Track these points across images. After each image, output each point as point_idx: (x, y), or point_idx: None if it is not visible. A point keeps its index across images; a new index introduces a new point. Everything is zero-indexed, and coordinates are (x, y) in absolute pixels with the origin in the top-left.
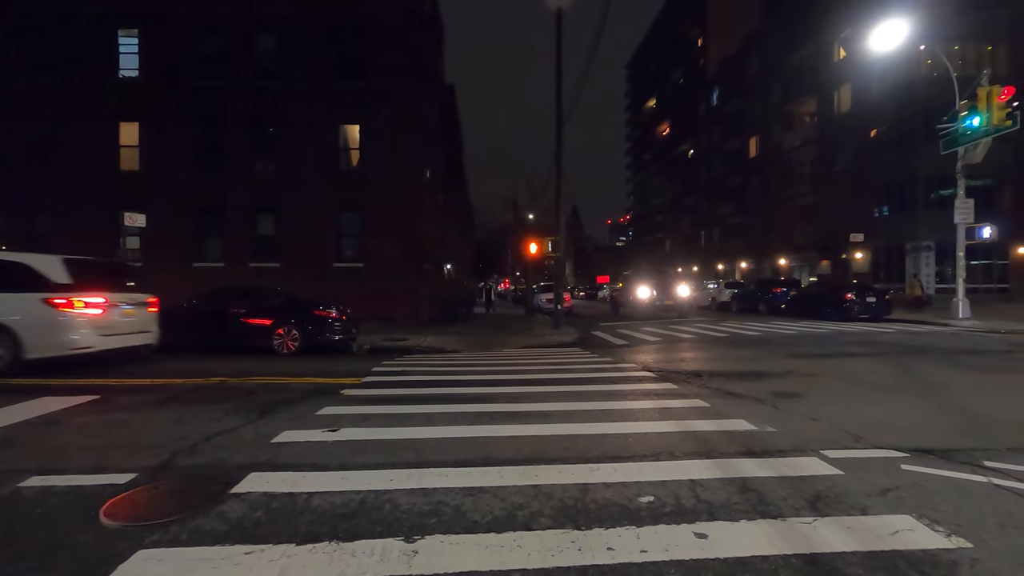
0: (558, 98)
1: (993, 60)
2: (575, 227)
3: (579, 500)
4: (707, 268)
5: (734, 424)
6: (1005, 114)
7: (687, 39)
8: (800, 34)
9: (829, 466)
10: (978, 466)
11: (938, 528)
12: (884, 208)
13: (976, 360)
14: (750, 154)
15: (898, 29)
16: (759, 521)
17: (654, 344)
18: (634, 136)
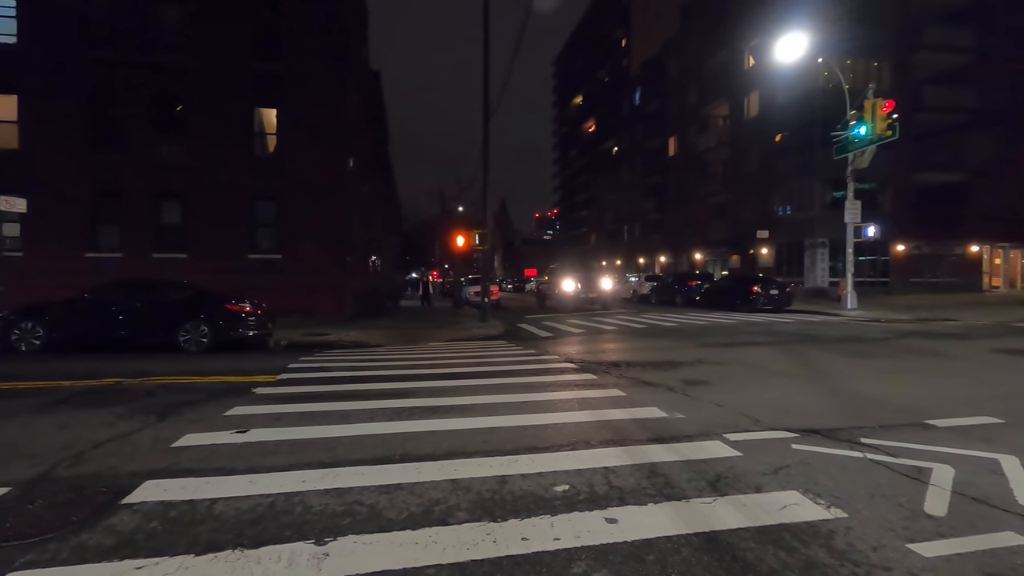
0: (485, 91)
1: (878, 75)
2: (503, 220)
3: (496, 492)
4: (629, 262)
5: (647, 412)
6: (886, 125)
7: (611, 39)
8: (714, 41)
9: (730, 448)
10: (856, 443)
11: (820, 501)
12: (787, 207)
13: (860, 347)
14: (669, 153)
15: (798, 42)
16: (665, 504)
17: (577, 336)
18: (561, 132)
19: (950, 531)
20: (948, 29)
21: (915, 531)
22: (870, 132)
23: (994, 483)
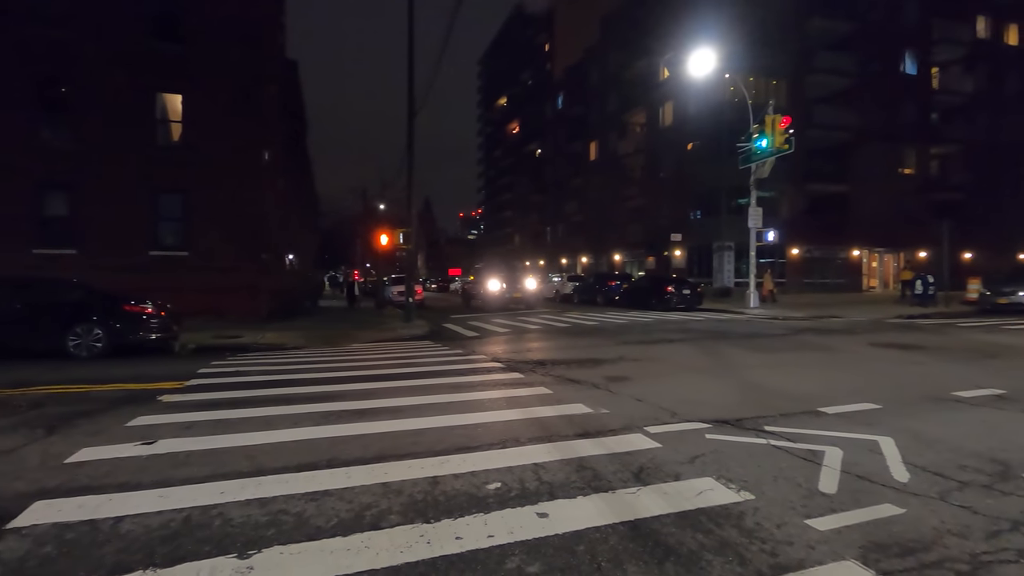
0: (410, 88)
1: (777, 93)
2: (427, 219)
3: (429, 494)
4: (552, 262)
5: (573, 408)
6: (784, 139)
7: (535, 44)
8: (632, 52)
9: (651, 440)
10: (760, 431)
11: (731, 486)
12: (698, 212)
13: (762, 343)
14: (591, 157)
15: (707, 58)
16: (593, 496)
17: (503, 335)
18: (486, 132)
19: (840, 506)
20: (835, 55)
21: (812, 508)
22: (770, 145)
23: (874, 462)
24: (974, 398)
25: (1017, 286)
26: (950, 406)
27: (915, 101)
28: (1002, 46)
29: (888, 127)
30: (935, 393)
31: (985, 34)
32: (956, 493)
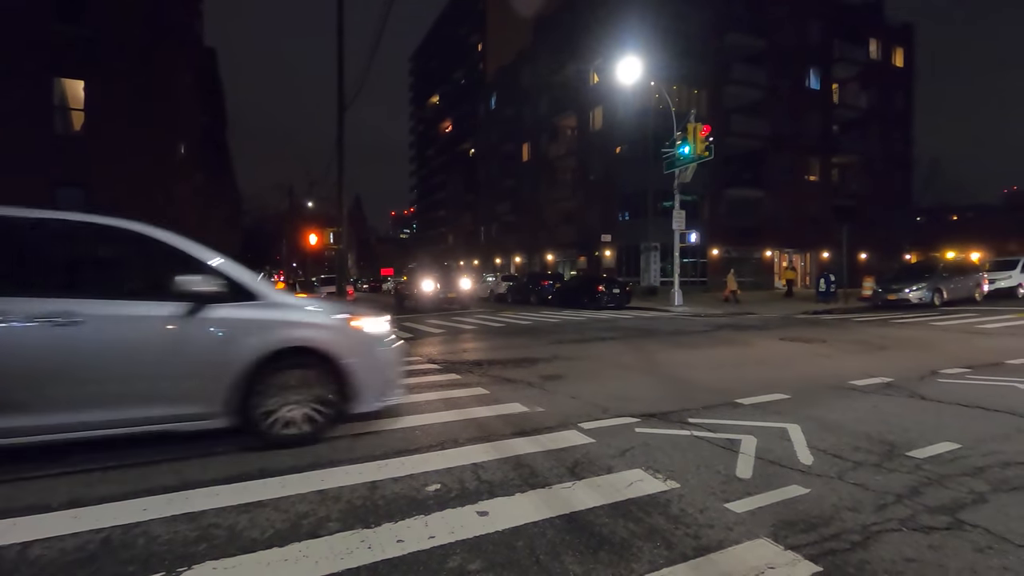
0: (339, 82)
1: (699, 102)
2: (358, 218)
3: (368, 499)
4: (487, 262)
5: (510, 408)
6: (704, 146)
7: (468, 43)
8: (564, 56)
9: (585, 436)
10: (685, 423)
11: (658, 476)
12: (626, 214)
13: (686, 339)
14: (523, 158)
15: (634, 66)
16: (531, 492)
17: (438, 336)
18: (418, 130)
19: (754, 489)
20: (750, 68)
21: (730, 492)
22: (692, 152)
23: (784, 447)
24: (867, 386)
25: (903, 283)
26: (847, 394)
27: (819, 114)
28: (891, 67)
29: (796, 137)
30: (835, 382)
31: (877, 56)
32: (851, 472)
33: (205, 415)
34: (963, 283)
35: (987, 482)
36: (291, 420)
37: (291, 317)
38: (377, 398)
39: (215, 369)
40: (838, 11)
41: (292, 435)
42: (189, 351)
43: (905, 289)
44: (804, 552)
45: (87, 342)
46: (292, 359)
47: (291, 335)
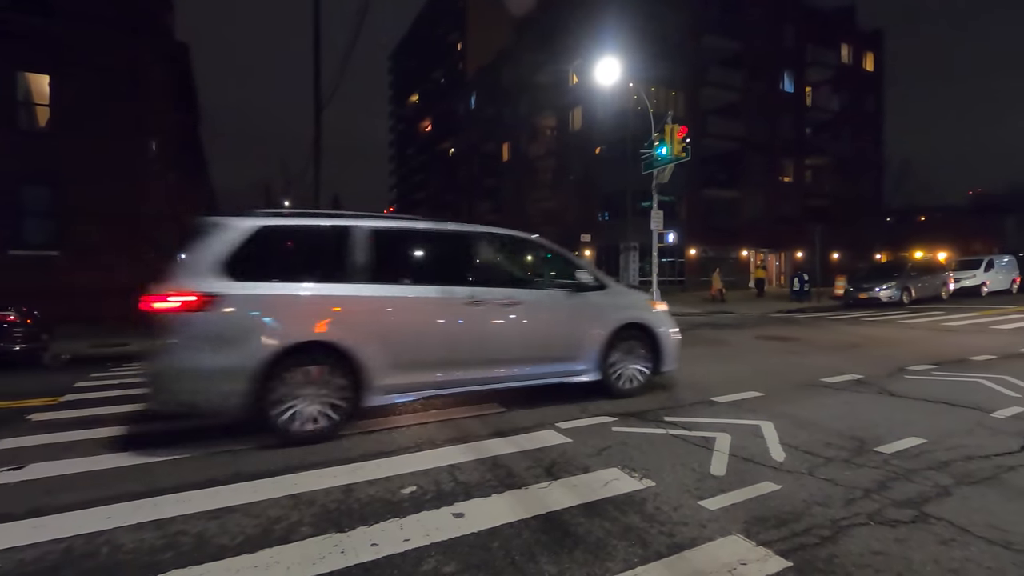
0: (316, 81)
1: (676, 103)
2: None
3: (342, 502)
4: None
5: (487, 408)
6: (682, 147)
7: (447, 42)
8: (544, 57)
9: (562, 436)
10: (661, 421)
11: (634, 474)
12: (606, 214)
13: None
14: (503, 158)
15: (612, 67)
16: (507, 493)
17: None
18: (398, 128)
19: (728, 486)
20: (726, 70)
21: (704, 490)
22: (669, 153)
23: (757, 445)
24: (838, 383)
25: (874, 282)
26: (819, 391)
27: (792, 116)
28: (861, 71)
29: (770, 139)
30: (807, 380)
31: (848, 60)
32: (822, 468)
33: (583, 371)
34: (930, 282)
35: (951, 476)
36: (631, 376)
37: (627, 301)
38: (671, 362)
39: (591, 336)
40: (811, 16)
41: (627, 388)
42: (573, 322)
43: (875, 288)
44: (775, 548)
45: (524, 318)
46: (629, 330)
47: (629, 314)
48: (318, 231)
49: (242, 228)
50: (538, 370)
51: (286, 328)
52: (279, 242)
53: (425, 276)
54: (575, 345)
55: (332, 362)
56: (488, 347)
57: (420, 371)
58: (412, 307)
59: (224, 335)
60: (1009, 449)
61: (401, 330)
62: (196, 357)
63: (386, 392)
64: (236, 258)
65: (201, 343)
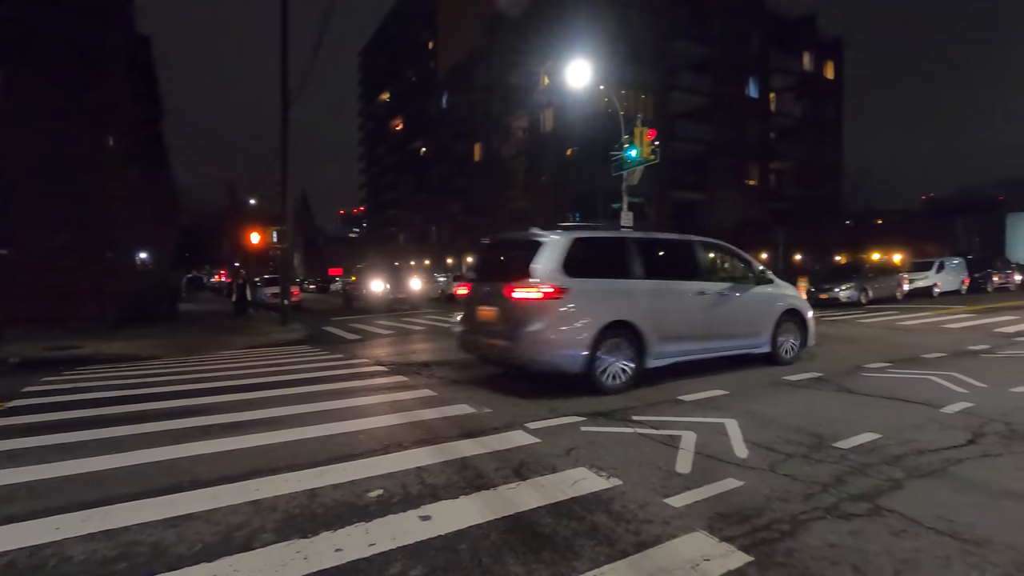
0: (283, 77)
1: (645, 106)
2: (305, 216)
3: (306, 507)
4: (438, 261)
5: (457, 409)
6: (651, 150)
7: (419, 41)
8: (515, 57)
9: (531, 436)
10: (629, 421)
11: (602, 473)
12: (577, 214)
13: None
14: (475, 158)
15: (583, 69)
16: (475, 495)
17: (387, 337)
18: (368, 127)
19: (693, 484)
20: (694, 75)
21: (670, 487)
22: (639, 155)
23: (721, 442)
24: (799, 381)
25: (834, 283)
26: (782, 389)
27: (757, 121)
28: (822, 79)
29: (736, 143)
30: (770, 379)
31: (810, 67)
32: (782, 464)
33: (761, 345)
34: (886, 283)
35: (903, 469)
36: (788, 349)
37: (786, 292)
38: (812, 339)
39: (763, 319)
40: (775, 24)
41: (787, 359)
42: (753, 308)
43: (835, 289)
44: (737, 543)
45: (729, 305)
46: (788, 316)
47: (789, 302)
48: (608, 240)
49: (568, 239)
50: (735, 343)
51: (605, 310)
52: (588, 249)
53: (673, 273)
54: (759, 325)
55: (627, 335)
56: (709, 325)
57: (672, 342)
58: (668, 295)
59: (572, 315)
60: (956, 443)
61: (662, 312)
62: (555, 331)
63: (654, 358)
64: (568, 261)
65: (558, 321)
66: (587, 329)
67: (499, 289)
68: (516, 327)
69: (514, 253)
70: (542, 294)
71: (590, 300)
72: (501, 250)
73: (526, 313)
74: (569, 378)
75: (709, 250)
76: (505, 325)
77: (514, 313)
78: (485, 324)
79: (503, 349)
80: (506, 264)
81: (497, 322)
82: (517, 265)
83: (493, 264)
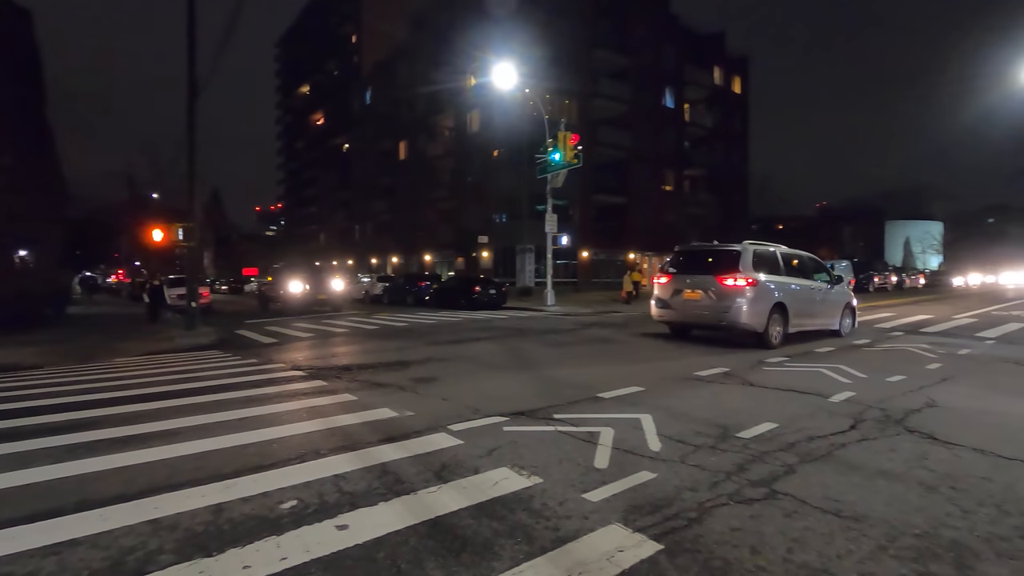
0: (191, 61)
1: (569, 111)
2: (216, 212)
3: (212, 524)
4: (362, 262)
5: (378, 414)
6: (574, 154)
7: (341, 34)
8: (442, 56)
9: (453, 438)
10: (550, 419)
11: (523, 472)
12: (503, 216)
13: (556, 338)
14: (400, 156)
15: (509, 73)
16: (395, 501)
17: (306, 341)
18: (286, 120)
19: (610, 478)
20: (615, 83)
21: (588, 483)
22: (563, 159)
23: (636, 437)
24: (708, 376)
25: None
26: (692, 384)
27: (673, 130)
28: (731, 93)
29: (654, 150)
30: (682, 374)
31: (720, 82)
32: (692, 455)
33: (834, 324)
34: None
35: (796, 455)
36: (847, 328)
37: (847, 290)
38: (856, 323)
39: (837, 307)
40: (688, 38)
41: (845, 333)
42: (833, 300)
43: None
44: (649, 533)
45: (824, 297)
46: (847, 307)
47: (849, 298)
48: (770, 251)
49: (752, 249)
50: (824, 321)
51: (774, 295)
52: (762, 256)
53: (800, 275)
54: (835, 311)
55: (781, 311)
56: (814, 310)
57: (798, 319)
58: (799, 288)
59: (759, 297)
60: (841, 429)
61: (796, 299)
62: (751, 305)
63: (792, 328)
64: (754, 262)
65: (753, 300)
66: (766, 306)
67: (710, 278)
68: (726, 302)
69: (718, 256)
70: (745, 282)
71: (766, 288)
72: (701, 254)
73: (734, 294)
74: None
75: (814, 262)
76: (713, 301)
77: (725, 293)
78: (691, 301)
79: (711, 316)
80: (713, 263)
81: (704, 300)
82: (723, 264)
83: (695, 263)
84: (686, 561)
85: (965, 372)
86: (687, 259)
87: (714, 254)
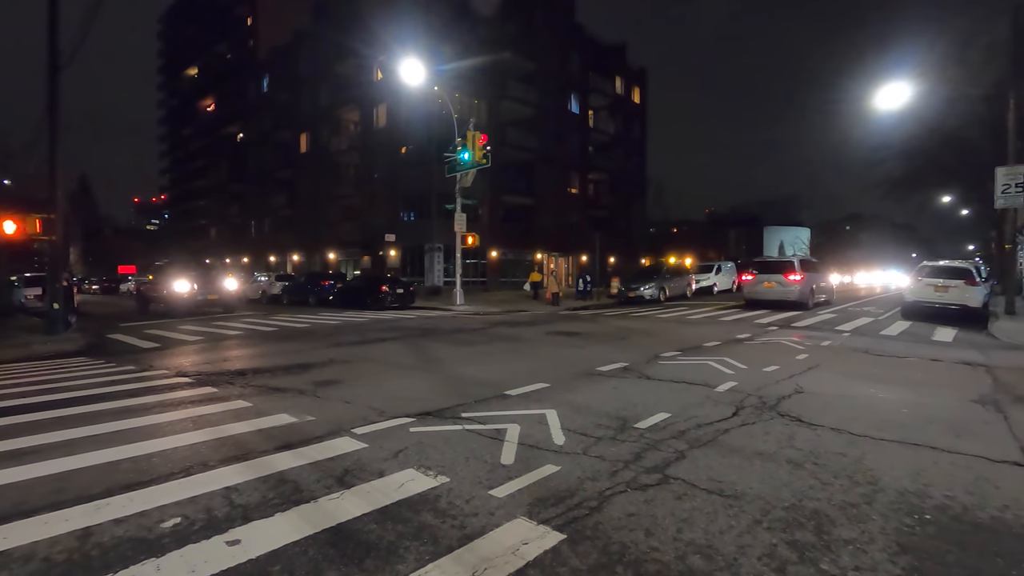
0: (51, 29)
1: (479, 112)
2: (85, 202)
3: (77, 550)
4: (259, 260)
5: (275, 420)
6: (482, 154)
7: (235, 14)
8: (346, 46)
9: (357, 442)
10: (458, 418)
11: (430, 472)
12: (411, 214)
13: (464, 337)
14: (301, 149)
15: (417, 68)
16: (292, 510)
17: (194, 344)
18: (171, 104)
19: (516, 473)
20: (523, 86)
21: (494, 479)
22: (471, 158)
23: (542, 432)
24: (609, 371)
25: (639, 283)
26: (594, 379)
27: (578, 135)
28: (630, 102)
29: (560, 153)
30: (586, 370)
31: (621, 91)
32: (593, 447)
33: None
34: (680, 282)
35: (686, 441)
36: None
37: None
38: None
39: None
40: (592, 47)
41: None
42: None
43: (640, 288)
44: (553, 524)
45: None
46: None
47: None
48: (809, 259)
49: (799, 258)
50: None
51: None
52: (803, 262)
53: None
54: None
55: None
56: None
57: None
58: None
59: (805, 285)
60: (724, 416)
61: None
62: (802, 290)
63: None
64: (800, 266)
65: (802, 287)
66: (810, 290)
67: (779, 275)
68: (790, 289)
69: (780, 264)
70: (800, 277)
71: (809, 281)
72: (772, 263)
73: (794, 284)
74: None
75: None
76: (781, 287)
77: (789, 284)
78: (767, 288)
79: (779, 295)
80: (778, 267)
81: (776, 287)
82: (785, 267)
83: (767, 267)
84: (587, 548)
85: (826, 361)
86: (762, 265)
87: (778, 262)
